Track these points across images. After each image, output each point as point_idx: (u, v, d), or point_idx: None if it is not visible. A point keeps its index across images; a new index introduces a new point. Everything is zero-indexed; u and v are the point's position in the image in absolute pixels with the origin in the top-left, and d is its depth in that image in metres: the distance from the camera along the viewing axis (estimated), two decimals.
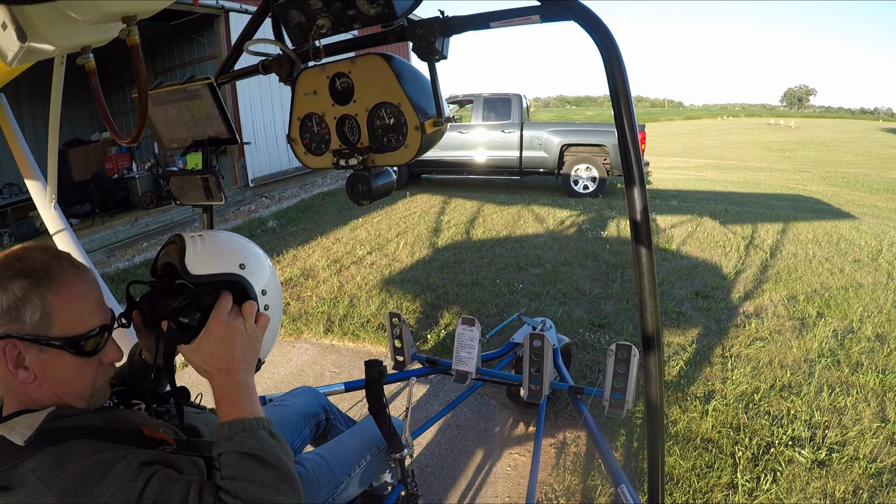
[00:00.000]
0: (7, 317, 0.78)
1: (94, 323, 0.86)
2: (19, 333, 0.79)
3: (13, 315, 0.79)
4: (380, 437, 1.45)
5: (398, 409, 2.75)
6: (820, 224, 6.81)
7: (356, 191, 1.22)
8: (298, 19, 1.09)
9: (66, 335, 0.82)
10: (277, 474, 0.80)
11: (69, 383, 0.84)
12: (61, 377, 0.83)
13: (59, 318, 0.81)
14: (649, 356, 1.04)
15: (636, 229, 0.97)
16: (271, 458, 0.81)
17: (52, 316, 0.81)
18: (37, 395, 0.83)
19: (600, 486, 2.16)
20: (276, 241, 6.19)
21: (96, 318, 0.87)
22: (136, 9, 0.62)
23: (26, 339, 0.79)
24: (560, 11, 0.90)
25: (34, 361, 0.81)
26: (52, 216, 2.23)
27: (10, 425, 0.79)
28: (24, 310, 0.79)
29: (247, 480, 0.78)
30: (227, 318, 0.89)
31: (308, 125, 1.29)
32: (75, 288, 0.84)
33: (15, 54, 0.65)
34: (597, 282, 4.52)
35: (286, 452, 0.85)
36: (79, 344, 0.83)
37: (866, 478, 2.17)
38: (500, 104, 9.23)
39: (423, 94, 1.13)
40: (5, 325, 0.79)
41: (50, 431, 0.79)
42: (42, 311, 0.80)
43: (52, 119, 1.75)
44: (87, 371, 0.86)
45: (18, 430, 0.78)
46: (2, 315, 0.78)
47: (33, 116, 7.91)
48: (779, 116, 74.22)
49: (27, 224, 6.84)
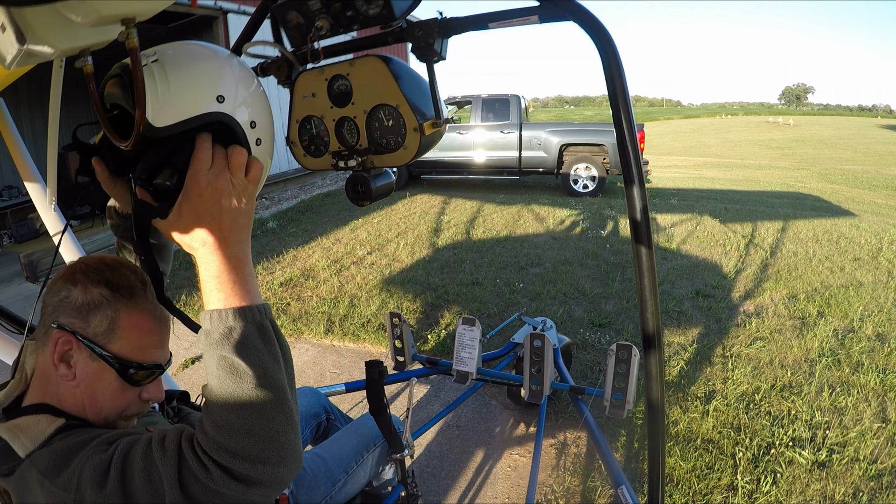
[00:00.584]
0: (77, 313, 0.80)
1: (152, 358, 0.86)
2: (80, 332, 0.79)
3: (83, 315, 0.80)
4: (377, 435, 1.46)
5: (399, 409, 2.75)
6: (820, 222, 6.81)
7: (356, 192, 1.22)
8: (297, 21, 1.09)
9: (121, 356, 0.82)
10: (272, 396, 0.64)
11: (101, 400, 0.83)
12: (97, 391, 0.82)
13: (122, 337, 0.82)
14: (650, 356, 1.04)
15: (636, 228, 0.97)
16: (265, 368, 0.65)
17: (116, 333, 0.81)
18: (64, 395, 0.82)
19: (600, 487, 2.16)
20: (276, 241, 6.19)
21: (155, 355, 0.87)
22: (134, 10, 0.62)
23: (83, 340, 0.79)
24: (558, 12, 0.90)
25: (80, 364, 0.80)
26: (52, 218, 2.23)
27: (19, 429, 0.76)
28: (94, 315, 0.80)
29: (226, 406, 0.63)
30: (210, 175, 0.70)
31: (307, 127, 1.29)
32: (147, 320, 0.85)
33: (14, 57, 0.65)
34: (597, 281, 4.52)
35: (287, 361, 0.70)
36: (128, 370, 0.82)
37: (866, 479, 2.17)
38: (499, 105, 9.24)
39: (422, 96, 1.13)
40: (70, 320, 0.79)
41: (52, 441, 0.77)
42: (110, 324, 0.81)
43: (52, 121, 1.74)
44: (123, 397, 0.84)
45: (22, 441, 0.75)
46: (73, 310, 0.79)
47: (32, 120, 7.92)
48: (777, 114, 74.27)
49: (27, 226, 6.85)
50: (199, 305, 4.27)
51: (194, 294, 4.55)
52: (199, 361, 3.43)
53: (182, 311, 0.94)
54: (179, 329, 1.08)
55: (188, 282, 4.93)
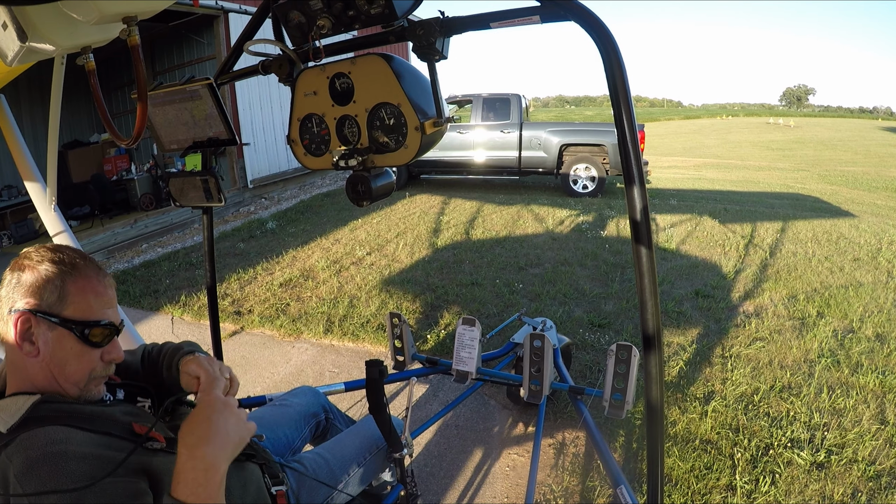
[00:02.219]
0: (28, 292, 0.87)
1: (104, 317, 0.93)
2: (35, 308, 0.87)
3: (34, 291, 0.87)
4: (379, 437, 1.45)
5: (398, 408, 2.75)
6: (819, 223, 6.81)
7: (356, 191, 1.22)
8: (298, 19, 1.09)
9: (75, 318, 0.89)
10: None
11: (68, 367, 0.89)
12: (61, 359, 0.89)
13: (73, 302, 0.89)
14: (650, 356, 1.04)
15: (636, 229, 0.97)
16: None
17: (67, 299, 0.89)
18: (34, 373, 0.88)
19: (599, 487, 2.16)
20: (275, 241, 6.19)
21: (107, 315, 0.93)
22: (136, 9, 0.62)
23: (39, 314, 0.87)
24: (560, 12, 0.90)
25: (41, 337, 0.87)
26: (51, 218, 2.23)
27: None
28: (44, 289, 0.88)
29: None
30: None
31: (308, 126, 1.29)
32: (93, 283, 0.93)
33: (15, 54, 0.65)
34: (597, 281, 4.52)
35: None
36: (85, 330, 0.90)
37: (865, 480, 2.17)
38: (500, 104, 9.23)
39: (423, 95, 1.13)
40: (24, 300, 0.87)
41: (34, 419, 0.83)
42: (60, 292, 0.88)
43: (52, 120, 1.74)
44: (87, 359, 0.91)
45: (3, 417, 0.82)
46: (25, 290, 0.87)
47: (32, 118, 7.91)
48: (778, 116, 74.28)
49: (26, 226, 6.84)
50: (198, 306, 4.27)
51: (194, 294, 4.55)
52: None
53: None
54: (179, 329, 1.09)
55: (188, 282, 4.93)
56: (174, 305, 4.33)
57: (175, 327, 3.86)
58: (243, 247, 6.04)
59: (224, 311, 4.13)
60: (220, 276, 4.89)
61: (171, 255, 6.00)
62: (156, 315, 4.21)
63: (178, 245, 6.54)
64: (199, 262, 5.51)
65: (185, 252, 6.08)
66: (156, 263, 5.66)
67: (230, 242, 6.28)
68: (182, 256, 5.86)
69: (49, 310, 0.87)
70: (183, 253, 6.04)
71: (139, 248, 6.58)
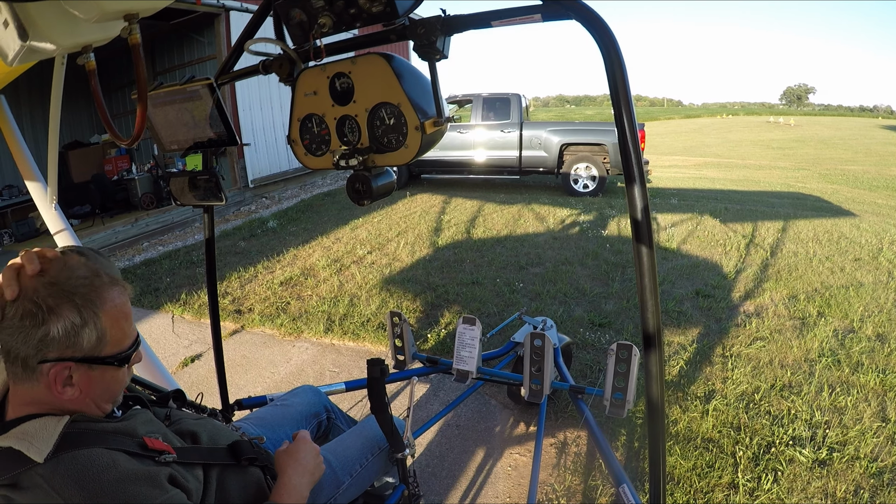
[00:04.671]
0: (64, 342, 0.79)
1: (134, 335, 0.90)
2: (75, 356, 0.80)
3: (71, 341, 0.79)
4: (381, 437, 1.45)
5: (398, 408, 2.74)
6: (820, 222, 6.81)
7: (357, 191, 1.22)
8: (300, 18, 1.09)
9: (116, 352, 0.85)
10: None
11: (108, 392, 0.88)
12: (104, 388, 0.86)
13: (111, 338, 0.84)
14: (650, 356, 1.04)
15: (637, 228, 0.97)
16: None
17: (105, 338, 0.83)
18: (69, 407, 0.84)
19: (601, 486, 2.16)
20: (276, 240, 6.19)
21: (134, 330, 0.90)
22: (137, 7, 0.62)
23: (81, 363, 0.81)
24: (561, 10, 0.90)
25: (81, 379, 0.83)
26: (52, 216, 2.23)
27: (26, 437, 0.77)
28: (81, 335, 0.80)
29: None
30: None
31: (308, 126, 1.29)
32: (120, 307, 0.86)
33: (16, 53, 0.65)
34: (597, 281, 4.52)
35: None
36: (125, 358, 0.87)
37: (867, 477, 2.17)
38: (500, 104, 9.23)
39: (424, 94, 1.13)
40: (60, 351, 0.79)
41: (67, 443, 0.78)
42: (97, 334, 0.82)
43: (53, 119, 1.74)
44: (123, 378, 0.90)
45: (37, 446, 0.76)
46: (58, 342, 0.78)
47: (33, 118, 7.91)
48: (778, 114, 74.21)
49: (27, 225, 6.85)
50: (199, 304, 4.27)
51: (194, 293, 4.55)
52: (199, 360, 3.43)
53: None
54: (179, 328, 1.09)
55: (188, 280, 4.93)
56: (175, 304, 4.33)
57: (175, 326, 3.86)
58: (244, 245, 6.04)
59: (224, 309, 4.13)
60: (221, 274, 4.90)
61: (171, 253, 6.00)
62: (156, 313, 4.22)
63: (179, 244, 6.54)
64: (200, 261, 5.52)
65: (186, 250, 6.09)
66: (156, 262, 5.66)
67: (231, 241, 6.29)
68: (183, 255, 5.87)
69: (90, 354, 0.82)
70: (184, 251, 6.04)
71: (140, 247, 6.58)
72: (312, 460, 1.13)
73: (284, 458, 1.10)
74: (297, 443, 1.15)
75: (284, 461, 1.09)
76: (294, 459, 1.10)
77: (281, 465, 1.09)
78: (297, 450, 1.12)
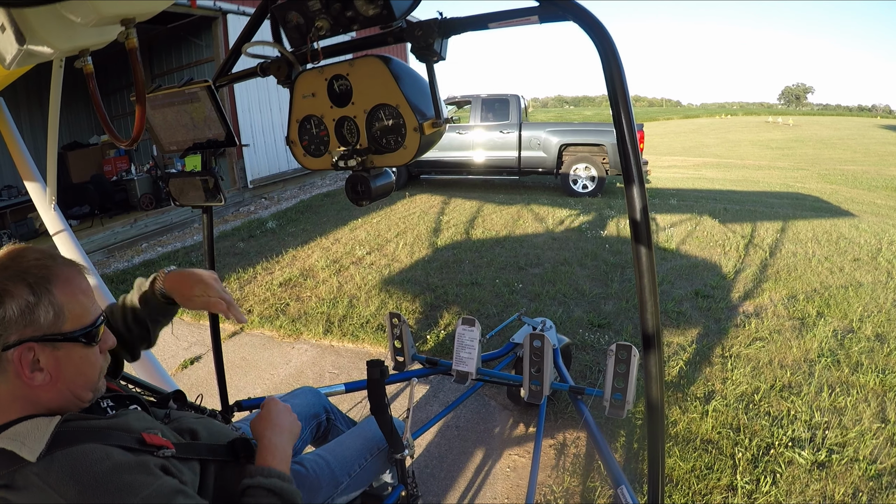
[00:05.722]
0: (21, 322, 0.78)
1: (97, 312, 0.89)
2: (35, 336, 0.80)
3: (28, 319, 0.79)
4: (380, 438, 1.45)
5: (398, 409, 2.74)
6: (819, 222, 6.81)
7: (356, 191, 1.22)
8: (297, 21, 1.09)
9: (77, 328, 0.84)
10: None
11: (81, 375, 0.86)
12: (75, 371, 0.85)
13: (69, 312, 0.84)
14: (649, 356, 1.04)
15: (636, 228, 0.97)
16: None
17: (63, 312, 0.83)
18: (47, 398, 0.83)
19: (600, 488, 2.16)
20: (275, 241, 6.19)
21: (97, 308, 0.89)
22: (134, 11, 0.62)
23: (43, 340, 0.80)
24: (558, 12, 0.90)
25: (48, 361, 0.82)
26: (51, 217, 2.23)
27: (18, 437, 0.77)
28: (37, 311, 0.80)
29: None
30: None
31: (307, 127, 1.29)
32: (76, 282, 0.87)
33: (13, 57, 0.65)
34: (596, 281, 4.52)
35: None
36: (90, 334, 0.86)
37: (866, 479, 2.17)
38: (499, 105, 9.24)
39: (422, 96, 1.13)
40: (19, 332, 0.78)
41: (60, 441, 0.78)
42: (54, 310, 0.81)
43: (52, 121, 1.75)
44: (94, 360, 0.89)
45: (29, 446, 0.76)
46: (15, 322, 0.78)
47: (31, 120, 7.91)
48: (777, 114, 74.32)
49: (26, 225, 6.85)
50: None
51: None
52: (198, 362, 3.43)
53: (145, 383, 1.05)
54: (179, 330, 1.10)
55: None
56: None
57: (174, 327, 3.86)
58: (243, 246, 6.04)
59: None
60: (220, 275, 4.87)
61: (170, 254, 6.00)
62: None
63: (178, 244, 6.54)
64: (199, 262, 5.51)
65: (185, 251, 6.08)
66: (156, 262, 5.66)
67: (230, 242, 6.28)
68: (182, 255, 5.86)
69: (49, 331, 0.81)
70: (183, 252, 6.04)
71: (139, 248, 6.58)
72: (287, 418, 1.14)
73: (258, 422, 1.11)
74: (266, 406, 1.15)
75: (260, 426, 1.10)
76: (268, 421, 1.10)
77: (258, 431, 1.09)
78: (268, 412, 1.13)
